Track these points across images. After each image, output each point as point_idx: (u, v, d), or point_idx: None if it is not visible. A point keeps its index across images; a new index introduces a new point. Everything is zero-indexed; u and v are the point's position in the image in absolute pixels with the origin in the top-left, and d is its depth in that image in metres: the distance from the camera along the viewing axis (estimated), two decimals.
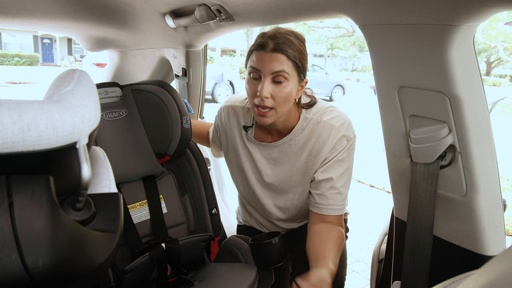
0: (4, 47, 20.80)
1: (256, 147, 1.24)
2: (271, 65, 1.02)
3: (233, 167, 1.34)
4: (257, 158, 1.24)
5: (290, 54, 1.03)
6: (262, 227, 1.39)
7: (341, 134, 1.13)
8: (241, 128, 1.26)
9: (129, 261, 1.12)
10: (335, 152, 1.13)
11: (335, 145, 1.13)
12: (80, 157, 0.43)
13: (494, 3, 0.63)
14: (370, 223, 3.26)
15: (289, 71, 1.04)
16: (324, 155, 1.14)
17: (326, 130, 1.13)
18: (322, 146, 1.14)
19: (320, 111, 1.17)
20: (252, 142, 1.24)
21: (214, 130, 1.42)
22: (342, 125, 1.13)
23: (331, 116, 1.15)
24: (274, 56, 1.02)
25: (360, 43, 23.09)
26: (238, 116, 1.28)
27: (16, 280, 0.36)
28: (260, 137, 1.24)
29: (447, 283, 0.38)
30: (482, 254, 0.87)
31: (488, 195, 0.86)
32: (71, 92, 0.44)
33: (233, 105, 1.30)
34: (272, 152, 1.22)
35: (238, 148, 1.28)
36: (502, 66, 24.64)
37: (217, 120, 1.37)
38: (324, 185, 1.13)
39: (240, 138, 1.27)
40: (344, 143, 1.13)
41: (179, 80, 1.68)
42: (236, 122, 1.28)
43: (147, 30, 1.51)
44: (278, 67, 1.02)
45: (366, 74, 25.67)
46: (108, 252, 0.47)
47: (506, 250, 0.29)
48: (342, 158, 1.14)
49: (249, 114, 1.26)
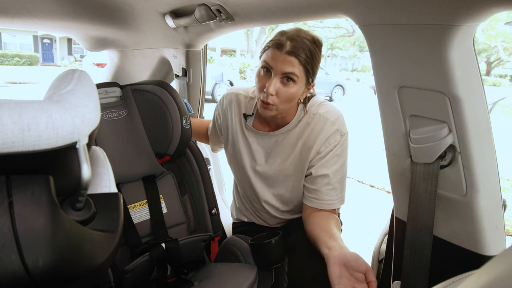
0: (4, 47, 20.80)
1: (254, 135, 1.27)
2: (283, 66, 1.05)
3: (231, 154, 1.36)
4: (253, 147, 1.27)
5: (302, 59, 1.05)
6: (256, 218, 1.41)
7: (335, 128, 1.16)
8: (241, 115, 1.29)
9: (129, 261, 1.12)
10: (330, 146, 1.16)
11: (328, 138, 1.16)
12: (80, 157, 0.43)
13: (494, 3, 0.63)
14: (370, 223, 3.26)
15: (298, 74, 1.07)
16: (317, 146, 1.17)
17: (321, 122, 1.17)
18: (316, 138, 1.17)
19: (316, 104, 1.21)
20: (250, 130, 1.27)
21: (214, 119, 1.44)
22: (336, 119, 1.17)
23: (326, 110, 1.19)
24: (287, 58, 1.05)
25: (360, 43, 23.10)
26: (240, 104, 1.31)
27: (16, 280, 0.36)
28: (258, 126, 1.27)
29: (447, 283, 0.38)
30: (482, 254, 0.87)
31: (488, 195, 0.85)
32: (71, 92, 0.44)
33: (237, 93, 1.33)
34: (269, 141, 1.25)
35: (238, 135, 1.30)
36: (502, 66, 24.65)
37: (218, 108, 1.39)
38: (320, 181, 1.16)
39: (239, 126, 1.30)
40: (338, 137, 1.16)
41: (179, 80, 1.68)
42: (238, 110, 1.31)
43: (147, 30, 1.51)
44: (289, 69, 1.05)
45: (366, 74, 25.67)
46: (108, 252, 0.47)
47: (506, 250, 0.29)
48: (338, 153, 1.17)
49: (251, 104, 1.30)
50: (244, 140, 1.29)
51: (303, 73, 1.08)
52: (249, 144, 1.28)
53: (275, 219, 1.37)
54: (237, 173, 1.37)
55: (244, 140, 1.29)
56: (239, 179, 1.38)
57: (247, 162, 1.30)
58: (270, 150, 1.25)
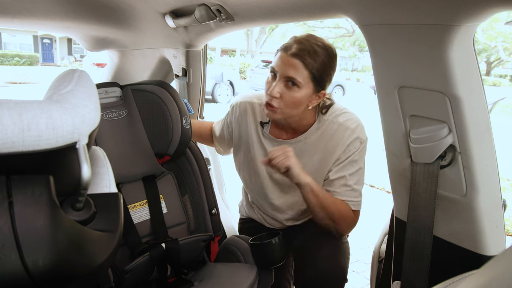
0: (4, 47, 20.79)
1: (271, 143, 1.26)
2: (286, 69, 1.05)
3: (243, 162, 1.35)
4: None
5: (308, 63, 1.03)
6: (264, 222, 1.40)
7: (355, 135, 1.16)
8: (258, 123, 1.29)
9: (129, 261, 1.12)
10: (349, 153, 1.16)
11: (348, 145, 1.16)
12: (80, 157, 0.43)
13: (494, 3, 0.63)
14: (370, 223, 3.26)
15: (302, 80, 1.04)
16: (337, 155, 1.17)
17: (341, 131, 1.17)
18: (336, 146, 1.17)
19: (335, 113, 1.20)
20: (267, 138, 1.27)
21: (224, 126, 1.43)
22: (356, 127, 1.17)
23: (346, 118, 1.19)
24: (292, 61, 1.03)
25: (360, 43, 23.08)
26: (255, 112, 1.30)
27: (16, 280, 0.36)
28: (275, 133, 1.26)
29: (447, 283, 0.39)
30: (482, 254, 0.87)
31: (488, 195, 0.85)
32: (71, 92, 0.44)
33: (250, 101, 1.32)
34: None
35: (253, 143, 1.29)
36: (502, 66, 24.63)
37: (230, 116, 1.39)
38: (337, 183, 1.16)
39: (256, 134, 1.29)
40: (357, 145, 1.16)
41: (179, 80, 1.68)
42: (253, 118, 1.30)
43: (147, 30, 1.51)
44: (291, 73, 1.04)
45: (366, 74, 25.63)
46: (108, 252, 0.47)
47: (506, 250, 0.29)
48: (356, 159, 1.17)
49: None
50: (260, 147, 1.28)
51: (309, 78, 1.05)
52: (266, 151, 1.26)
53: (282, 225, 1.36)
54: (250, 180, 1.35)
55: (260, 147, 1.28)
56: (252, 187, 1.36)
57: (263, 169, 1.29)
58: None
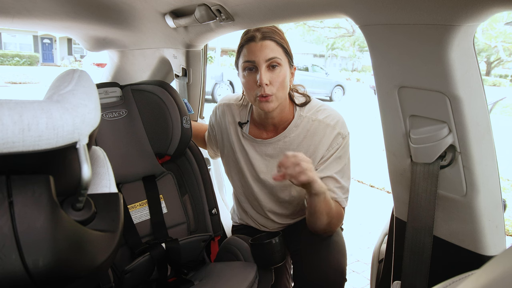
0: (4, 47, 20.79)
1: (251, 144, 1.26)
2: (264, 53, 1.09)
3: (230, 164, 1.35)
4: (251, 155, 1.26)
5: (277, 40, 1.10)
6: (257, 225, 1.39)
7: (336, 132, 1.16)
8: (237, 125, 1.29)
9: (129, 261, 1.12)
10: (332, 150, 1.16)
11: (331, 143, 1.16)
12: (80, 157, 0.43)
13: (494, 3, 0.63)
14: (370, 223, 3.26)
15: (280, 56, 1.11)
16: (321, 153, 1.17)
17: (322, 128, 1.17)
18: (318, 144, 1.17)
19: (313, 109, 1.21)
20: (247, 138, 1.27)
21: (209, 129, 1.44)
22: (336, 123, 1.17)
23: (326, 115, 1.19)
24: (264, 44, 1.09)
25: (360, 43, 23.10)
26: (234, 113, 1.31)
27: (16, 280, 0.36)
28: (255, 133, 1.26)
29: (447, 283, 0.39)
30: (482, 254, 0.87)
31: (488, 195, 0.85)
32: (71, 92, 0.44)
33: (228, 103, 1.33)
34: (267, 149, 1.24)
35: (234, 145, 1.30)
36: (502, 66, 24.64)
37: (212, 119, 1.40)
38: (326, 182, 1.15)
39: (235, 135, 1.29)
40: (340, 140, 1.17)
41: (179, 80, 1.68)
42: (232, 119, 1.31)
43: (147, 30, 1.51)
44: (271, 53, 1.09)
45: (366, 74, 25.63)
46: (108, 252, 0.47)
47: (506, 250, 0.29)
48: (340, 156, 1.17)
49: (244, 111, 1.29)
50: (241, 149, 1.28)
51: (283, 54, 1.12)
52: (246, 152, 1.27)
53: (277, 225, 1.35)
54: (239, 183, 1.35)
55: (241, 149, 1.28)
56: (241, 190, 1.36)
57: (246, 170, 1.29)
58: (269, 157, 1.24)
